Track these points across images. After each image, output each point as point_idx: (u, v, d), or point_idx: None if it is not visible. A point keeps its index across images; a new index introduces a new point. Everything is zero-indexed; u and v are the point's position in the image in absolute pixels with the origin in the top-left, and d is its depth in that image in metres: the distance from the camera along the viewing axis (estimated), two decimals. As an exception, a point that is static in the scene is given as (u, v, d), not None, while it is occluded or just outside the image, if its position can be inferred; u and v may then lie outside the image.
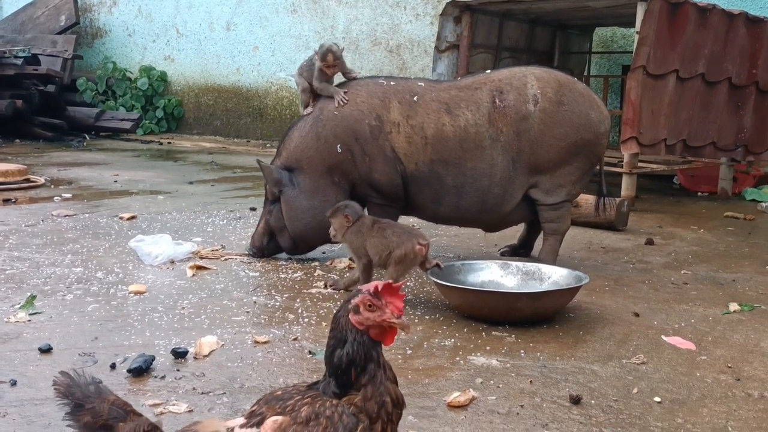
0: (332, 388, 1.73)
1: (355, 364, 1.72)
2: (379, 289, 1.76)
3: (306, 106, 4.72)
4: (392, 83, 4.68)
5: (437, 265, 3.91)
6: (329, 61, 4.65)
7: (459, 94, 4.58)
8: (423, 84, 4.70)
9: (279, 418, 1.66)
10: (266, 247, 4.81)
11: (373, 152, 4.54)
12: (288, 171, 4.68)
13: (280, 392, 1.76)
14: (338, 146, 4.56)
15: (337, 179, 4.61)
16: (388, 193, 4.61)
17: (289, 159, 4.69)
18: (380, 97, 4.58)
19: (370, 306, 1.75)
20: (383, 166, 4.55)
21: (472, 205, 4.58)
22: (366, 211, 4.44)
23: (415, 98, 4.56)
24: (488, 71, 4.95)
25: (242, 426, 1.69)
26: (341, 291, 4.16)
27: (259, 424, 1.67)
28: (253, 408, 1.75)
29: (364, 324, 1.75)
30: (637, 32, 6.68)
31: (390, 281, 1.81)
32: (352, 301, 1.77)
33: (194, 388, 2.84)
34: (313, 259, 4.84)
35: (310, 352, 3.23)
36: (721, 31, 7.16)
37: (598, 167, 4.89)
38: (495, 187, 4.54)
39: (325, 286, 4.23)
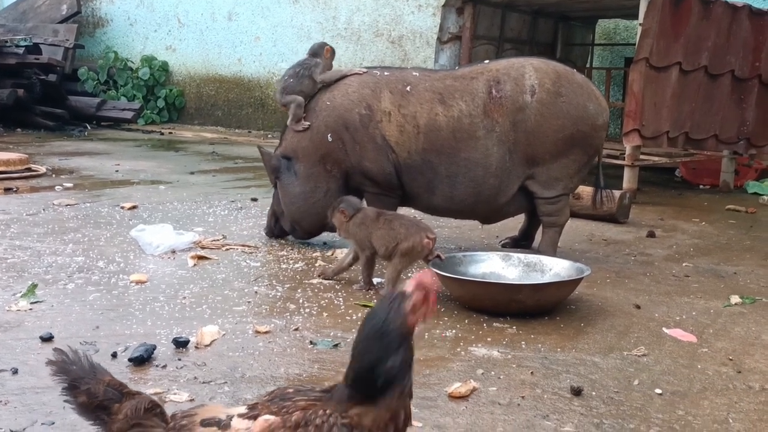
0: (347, 395, 1.64)
1: (403, 371, 1.62)
2: (424, 281, 1.68)
3: (299, 120, 4.74)
4: (386, 74, 4.74)
5: (438, 256, 3.91)
6: (329, 50, 4.92)
7: (454, 84, 4.58)
8: (418, 74, 4.72)
9: (270, 417, 1.64)
10: (275, 228, 5.02)
11: (363, 140, 4.59)
12: (287, 160, 4.79)
13: (291, 390, 1.72)
14: (329, 135, 4.65)
15: (329, 168, 4.69)
16: (380, 181, 4.63)
17: (287, 148, 4.82)
18: (371, 87, 4.64)
19: (422, 301, 1.66)
20: (373, 154, 4.58)
21: (467, 195, 4.58)
22: (364, 203, 4.46)
23: (408, 88, 4.59)
24: (486, 61, 4.95)
25: (240, 415, 1.68)
26: (331, 280, 4.16)
27: (254, 419, 1.66)
28: (259, 401, 1.73)
29: (415, 323, 1.65)
30: (640, 24, 6.66)
31: (425, 272, 1.74)
32: (408, 301, 1.65)
33: (195, 378, 2.84)
34: (315, 250, 4.84)
35: (311, 342, 3.23)
36: (725, 23, 7.14)
37: (597, 159, 4.87)
38: (490, 178, 4.54)
39: (325, 278, 4.23)
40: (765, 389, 2.95)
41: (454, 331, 3.48)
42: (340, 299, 3.86)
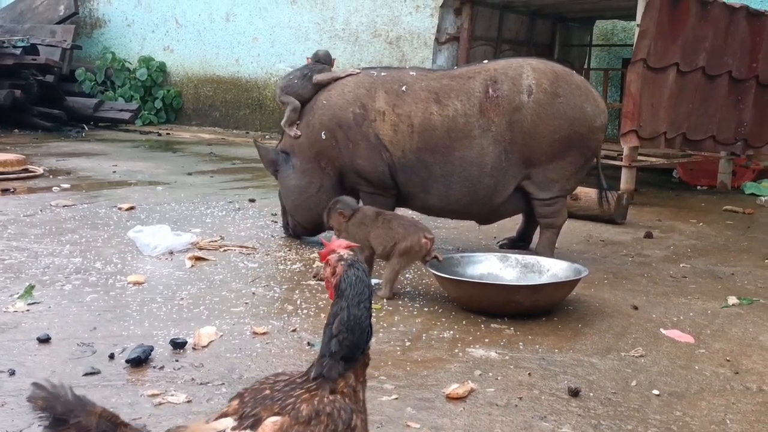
0: (340, 369, 1.68)
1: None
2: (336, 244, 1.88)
3: (292, 124, 4.87)
4: (383, 74, 4.79)
5: (436, 257, 3.91)
6: (334, 62, 5.13)
7: (450, 84, 4.60)
8: (415, 73, 4.75)
9: (278, 419, 1.60)
10: (287, 226, 5.14)
11: (356, 138, 4.65)
12: (286, 155, 4.94)
13: (267, 390, 1.68)
14: (323, 133, 4.73)
15: (323, 165, 4.79)
16: (373, 180, 4.67)
17: (285, 145, 4.96)
18: (367, 87, 4.70)
19: None
20: (366, 152, 4.62)
21: (462, 195, 4.58)
22: (360, 203, 4.47)
23: (403, 88, 4.63)
24: (485, 61, 4.96)
25: (234, 429, 1.61)
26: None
27: (254, 426, 1.60)
28: (237, 406, 1.66)
29: None
30: (637, 25, 6.66)
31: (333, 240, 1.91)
32: (357, 262, 1.79)
33: (193, 379, 2.84)
34: (312, 251, 4.84)
35: (308, 344, 3.23)
36: (722, 24, 7.14)
37: (596, 161, 4.87)
38: (485, 178, 4.54)
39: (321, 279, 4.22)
40: (762, 390, 2.95)
41: (451, 332, 3.47)
42: (338, 300, 3.85)
